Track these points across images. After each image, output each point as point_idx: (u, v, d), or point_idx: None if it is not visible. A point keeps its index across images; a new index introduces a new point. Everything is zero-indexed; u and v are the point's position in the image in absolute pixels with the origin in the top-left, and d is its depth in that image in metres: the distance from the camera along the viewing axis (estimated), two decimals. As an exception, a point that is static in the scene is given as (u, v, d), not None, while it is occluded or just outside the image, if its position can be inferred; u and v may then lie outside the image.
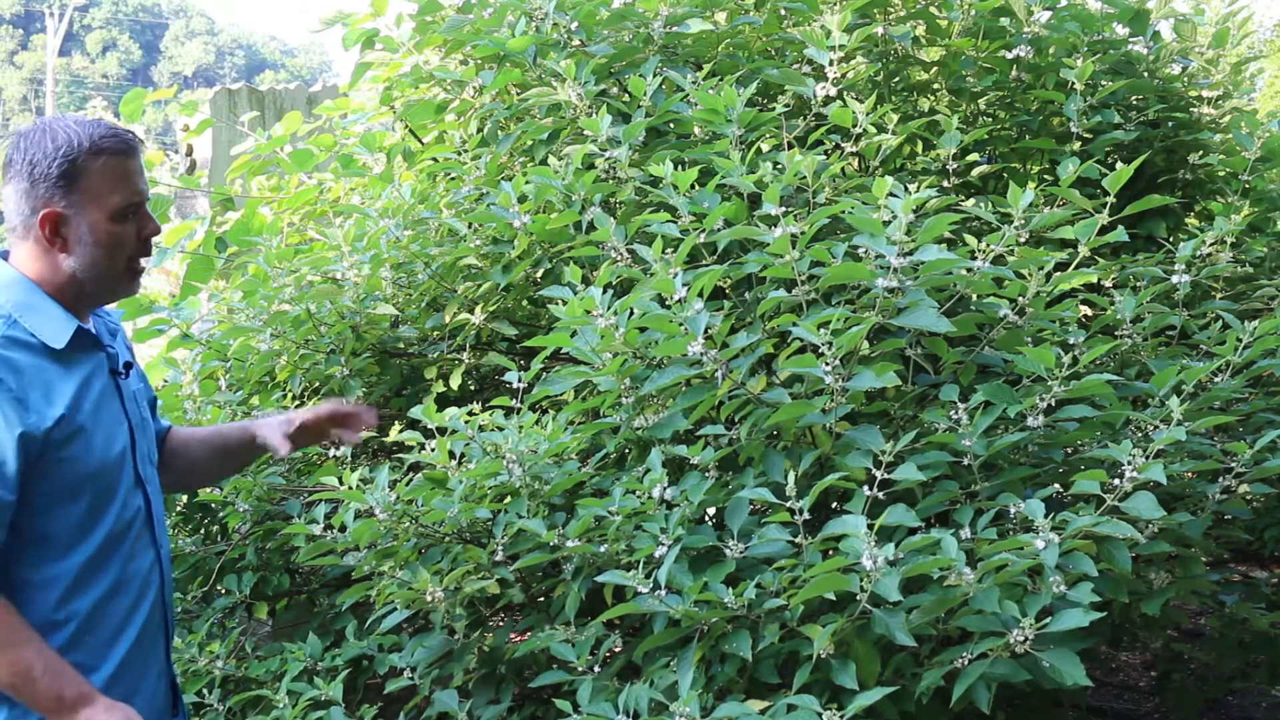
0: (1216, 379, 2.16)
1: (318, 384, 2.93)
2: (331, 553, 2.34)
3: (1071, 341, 2.19)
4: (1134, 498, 1.79)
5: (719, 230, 2.20)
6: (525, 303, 2.96)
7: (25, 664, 1.60)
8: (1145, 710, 3.34)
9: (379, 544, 2.28)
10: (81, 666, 1.69)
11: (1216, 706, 3.19)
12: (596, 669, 2.02)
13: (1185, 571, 2.07)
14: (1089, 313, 2.55)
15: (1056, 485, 1.96)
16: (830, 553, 1.80)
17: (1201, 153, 2.94)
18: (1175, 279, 2.36)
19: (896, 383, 1.90)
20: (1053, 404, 1.96)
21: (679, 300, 1.98)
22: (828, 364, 1.88)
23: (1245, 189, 2.86)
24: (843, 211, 2.05)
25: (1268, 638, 2.50)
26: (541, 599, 2.43)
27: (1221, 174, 3.01)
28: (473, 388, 3.02)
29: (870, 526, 1.69)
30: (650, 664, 1.96)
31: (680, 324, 1.97)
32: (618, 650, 2.24)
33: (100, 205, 1.70)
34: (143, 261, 1.78)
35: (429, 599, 2.16)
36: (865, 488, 1.84)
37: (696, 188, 2.34)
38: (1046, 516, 1.73)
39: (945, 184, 2.63)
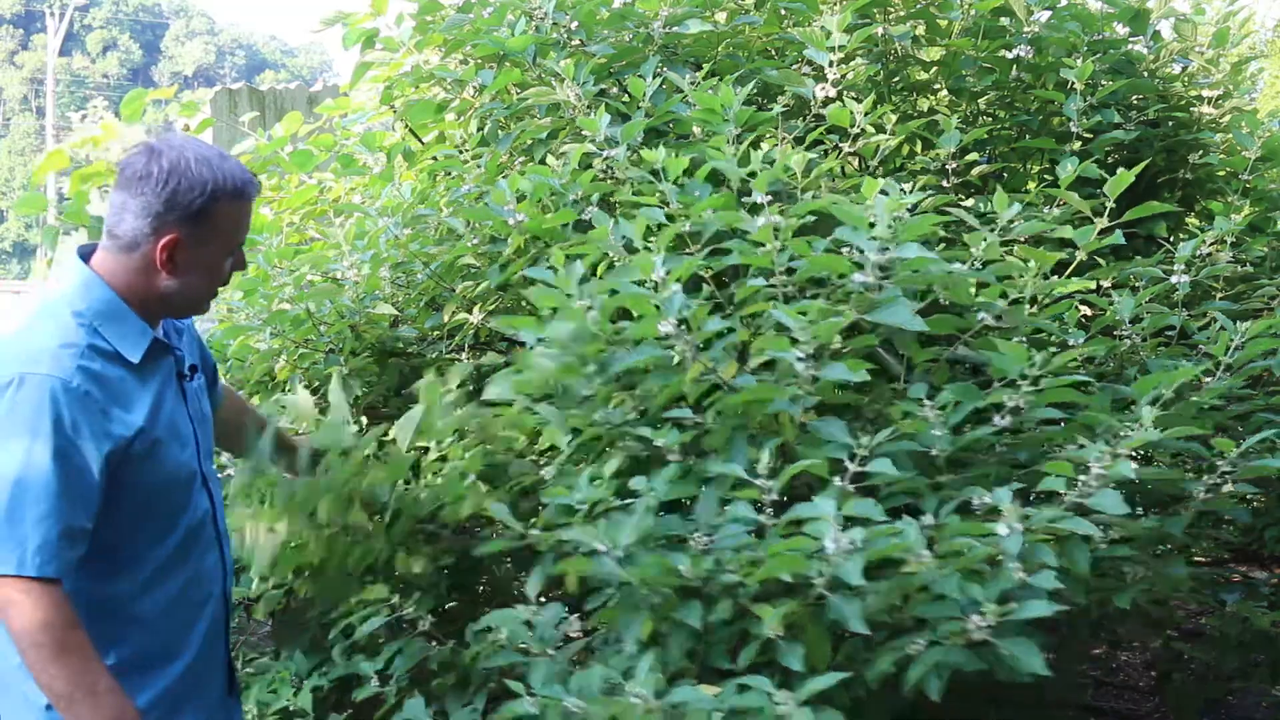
0: (1209, 379, 2.15)
1: (317, 384, 2.93)
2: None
3: (1071, 343, 2.19)
4: (1100, 495, 1.76)
5: (705, 218, 2.19)
6: (523, 303, 2.96)
7: (91, 675, 1.60)
8: (1145, 710, 3.34)
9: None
10: (158, 658, 1.75)
11: (1216, 706, 3.19)
12: (552, 652, 2.00)
13: (1164, 568, 2.05)
14: (1089, 313, 2.54)
15: (1021, 484, 1.92)
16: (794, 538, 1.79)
17: (1202, 152, 2.94)
18: (1175, 279, 2.36)
19: (866, 378, 1.87)
20: (1022, 405, 1.94)
21: (657, 284, 1.96)
22: (801, 351, 1.85)
23: (1245, 189, 2.86)
24: (824, 207, 2.04)
25: (1268, 637, 2.50)
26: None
27: (1222, 174, 3.01)
28: (471, 388, 3.02)
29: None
30: (605, 647, 1.95)
31: (656, 305, 1.94)
32: (576, 637, 2.23)
33: (221, 243, 1.75)
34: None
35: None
36: (837, 479, 1.82)
37: (686, 179, 2.32)
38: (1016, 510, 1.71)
39: (945, 184, 2.63)
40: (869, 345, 2.02)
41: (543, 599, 2.08)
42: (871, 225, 1.95)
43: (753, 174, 2.18)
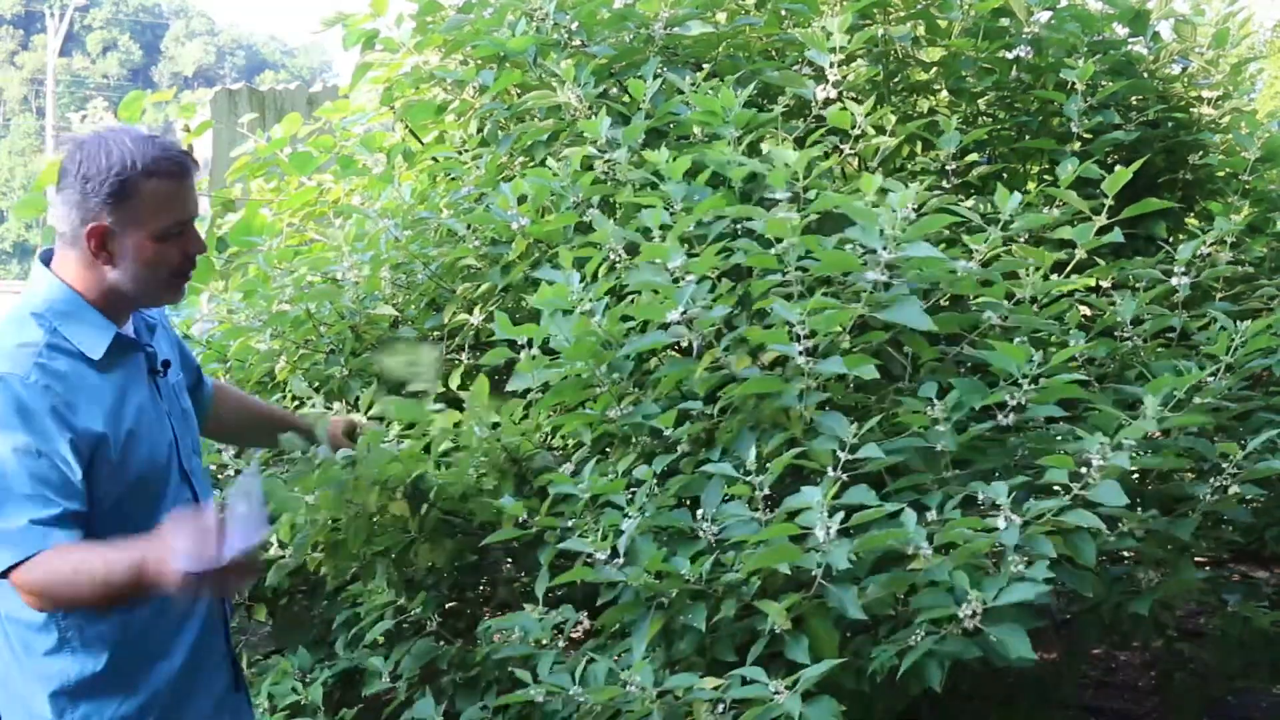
0: (1210, 380, 2.15)
1: (317, 384, 2.93)
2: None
3: (1072, 343, 2.18)
4: (1100, 487, 1.76)
5: (709, 221, 2.19)
6: (524, 303, 2.96)
7: (94, 576, 1.58)
8: (1145, 710, 3.34)
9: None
10: (152, 656, 1.75)
11: (1217, 706, 3.19)
12: (562, 644, 2.03)
13: (1175, 571, 2.06)
14: (1089, 313, 2.55)
15: (1027, 477, 1.92)
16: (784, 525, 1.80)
17: (1201, 153, 2.94)
18: (1175, 280, 2.36)
19: (874, 375, 1.88)
20: (1024, 402, 1.94)
21: (677, 277, 1.97)
22: (801, 346, 1.86)
23: (1245, 189, 2.86)
24: (841, 203, 2.04)
25: (1268, 637, 2.50)
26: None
27: (1221, 174, 3.01)
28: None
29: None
30: (613, 638, 1.96)
31: (663, 292, 1.94)
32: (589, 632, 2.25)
33: (146, 225, 1.72)
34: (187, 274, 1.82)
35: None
36: (831, 469, 1.83)
37: (689, 182, 2.32)
38: (1014, 503, 1.72)
39: (944, 184, 2.63)
40: (876, 341, 2.03)
41: (551, 593, 2.10)
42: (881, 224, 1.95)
43: (753, 175, 2.17)
